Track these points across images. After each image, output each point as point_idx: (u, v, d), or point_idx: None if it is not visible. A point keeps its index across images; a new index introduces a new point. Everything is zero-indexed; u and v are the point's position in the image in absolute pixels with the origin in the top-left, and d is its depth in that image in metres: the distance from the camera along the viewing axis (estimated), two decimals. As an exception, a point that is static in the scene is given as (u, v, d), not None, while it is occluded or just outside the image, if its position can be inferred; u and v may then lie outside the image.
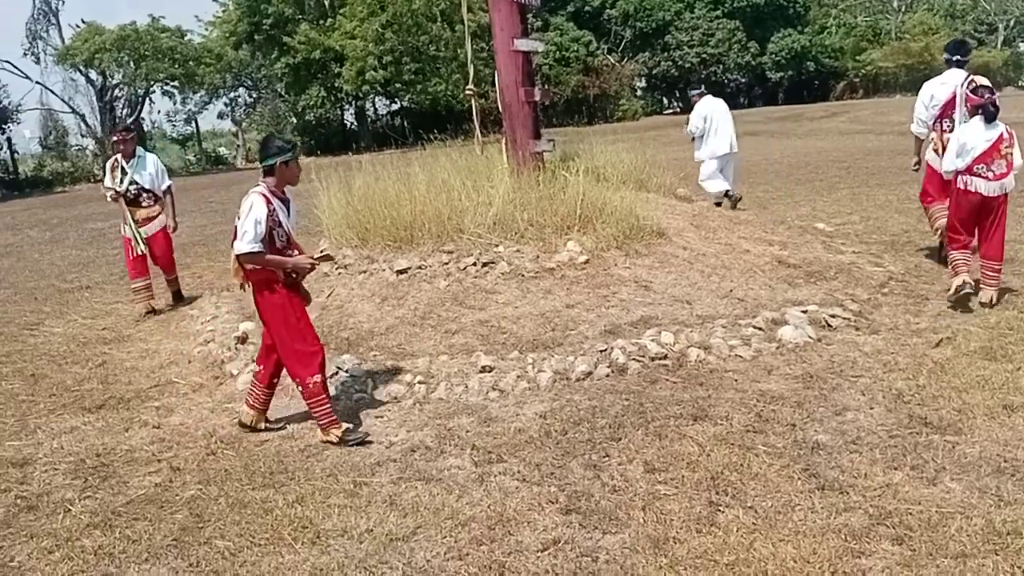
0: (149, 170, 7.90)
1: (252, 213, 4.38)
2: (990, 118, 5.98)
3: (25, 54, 38.02)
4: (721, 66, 47.04)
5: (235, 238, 4.43)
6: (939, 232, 7.16)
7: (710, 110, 10.31)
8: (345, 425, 4.61)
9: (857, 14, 53.46)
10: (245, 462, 4.39)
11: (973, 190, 5.99)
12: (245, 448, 4.60)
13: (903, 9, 53.96)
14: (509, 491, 3.82)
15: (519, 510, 3.64)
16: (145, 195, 7.85)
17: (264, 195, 4.47)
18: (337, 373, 5.48)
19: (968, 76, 6.75)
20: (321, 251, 5.28)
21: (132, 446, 4.76)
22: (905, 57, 45.88)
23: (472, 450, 4.29)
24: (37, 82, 37.14)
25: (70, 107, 36.67)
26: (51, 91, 37.07)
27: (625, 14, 47.08)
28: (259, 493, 4.01)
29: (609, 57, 45.24)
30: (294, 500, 3.89)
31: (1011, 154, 5.97)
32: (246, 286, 4.70)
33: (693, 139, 10.61)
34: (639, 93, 50.88)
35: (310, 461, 4.35)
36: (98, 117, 35.62)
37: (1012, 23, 52.03)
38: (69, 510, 4.00)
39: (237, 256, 4.45)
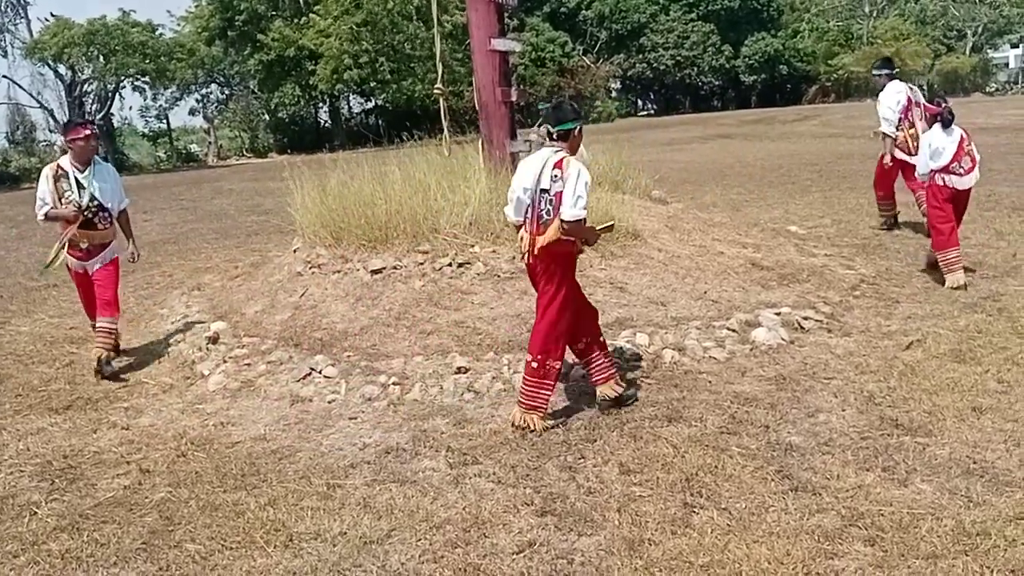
0: (110, 183, 6.09)
1: (582, 177, 4.26)
2: (947, 124, 6.81)
3: (-9, 48, 37.28)
4: (695, 68, 47.46)
5: (559, 203, 4.26)
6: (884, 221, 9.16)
7: None
8: (548, 422, 4.49)
9: (829, 19, 54.13)
10: (216, 464, 4.34)
11: (950, 186, 6.78)
12: (216, 450, 4.54)
13: (875, 14, 54.69)
14: (484, 493, 3.81)
15: (494, 512, 3.62)
16: (102, 215, 6.01)
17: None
18: (310, 375, 5.43)
19: (908, 85, 9.00)
20: (605, 224, 5.05)
21: (100, 448, 4.68)
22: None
23: (447, 452, 4.27)
24: (4, 76, 36.48)
25: (38, 102, 36.15)
26: (18, 85, 36.54)
27: (601, 15, 47.34)
28: (231, 496, 3.96)
29: (584, 58, 45.42)
30: (266, 503, 3.85)
31: (972, 150, 6.85)
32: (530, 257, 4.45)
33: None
34: (614, 94, 51.15)
35: (283, 463, 4.31)
36: (67, 112, 35.04)
37: (980, 30, 52.94)
38: (35, 513, 3.92)
39: (565, 222, 4.26)
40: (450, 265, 6.33)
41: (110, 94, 36.45)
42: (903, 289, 6.78)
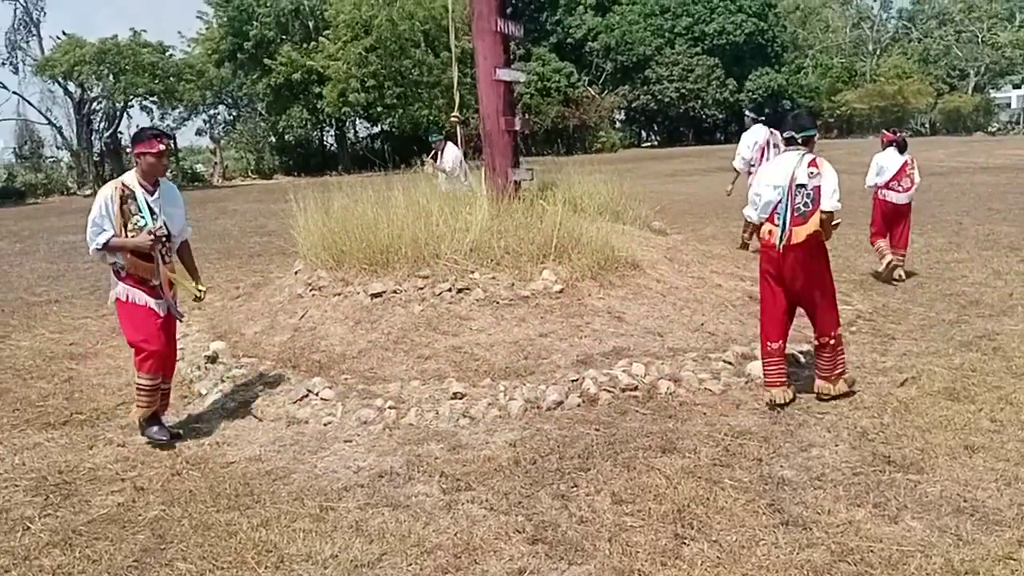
0: (179, 208, 5.03)
1: (834, 173, 4.87)
2: (902, 149, 8.36)
3: (3, 64, 37.71)
4: (700, 101, 47.80)
5: (818, 197, 4.78)
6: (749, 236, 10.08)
7: (460, 152, 10.19)
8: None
9: (833, 56, 54.64)
10: (210, 483, 4.35)
11: (889, 200, 8.36)
12: (211, 469, 4.55)
13: (878, 52, 55.23)
14: (476, 519, 3.82)
15: (486, 539, 3.63)
16: (168, 246, 4.95)
17: None
18: (307, 396, 5.46)
19: (769, 130, 10.20)
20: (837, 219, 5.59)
21: (96, 464, 4.69)
22: (879, 99, 46.94)
23: (441, 477, 4.28)
24: (14, 92, 36.78)
25: (47, 119, 36.40)
26: (28, 102, 36.80)
27: (607, 47, 47.76)
28: (223, 515, 3.97)
29: (589, 89, 45.77)
30: (259, 523, 3.86)
31: (914, 174, 8.41)
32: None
33: (438, 174, 10.37)
34: (618, 125, 51.51)
35: (276, 484, 4.32)
36: (74, 129, 35.37)
37: (983, 70, 53.39)
38: (29, 528, 3.93)
39: (825, 212, 4.81)
40: (450, 290, 6.38)
41: (118, 112, 36.73)
42: (899, 326, 6.81)
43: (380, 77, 35.48)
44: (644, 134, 55.22)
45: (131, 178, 4.81)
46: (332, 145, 43.06)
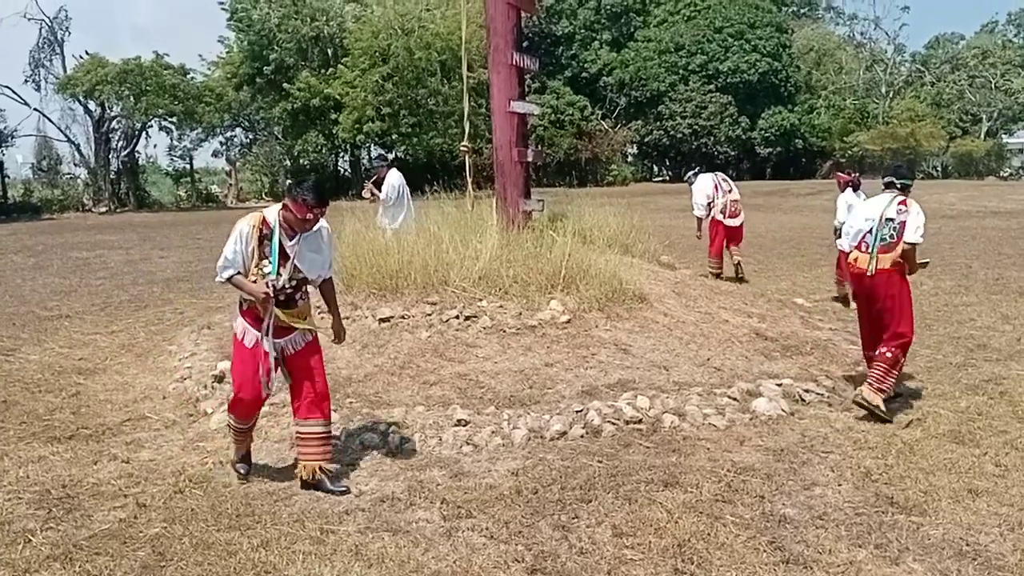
0: (322, 252, 4.67)
1: (920, 213, 5.58)
2: (856, 188, 9.56)
3: (26, 81, 38.23)
4: (712, 138, 47.99)
5: (903, 231, 5.53)
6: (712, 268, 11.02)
7: (400, 181, 9.75)
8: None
9: (846, 97, 54.91)
10: (212, 502, 4.36)
11: None
12: (213, 488, 4.57)
13: (891, 95, 55.48)
14: (476, 547, 3.81)
15: (485, 567, 3.63)
16: (302, 292, 4.68)
17: None
18: (312, 418, 5.46)
19: (713, 173, 11.38)
20: (923, 260, 6.03)
21: (99, 479, 4.71)
22: (891, 141, 47.00)
23: (442, 504, 4.29)
24: (35, 109, 37.27)
25: (66, 136, 36.81)
26: (48, 119, 37.22)
27: (621, 82, 48.16)
28: (224, 535, 3.97)
29: (603, 123, 46.08)
30: (259, 544, 3.86)
31: None
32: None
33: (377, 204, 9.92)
34: (630, 159, 51.80)
35: (278, 505, 4.33)
36: (93, 147, 35.73)
37: (996, 115, 53.54)
38: (30, 541, 3.94)
39: (908, 243, 5.52)
40: (457, 317, 6.42)
41: (137, 132, 37.12)
42: (906, 367, 6.78)
43: (396, 105, 35.83)
44: (656, 169, 55.45)
45: (274, 216, 4.48)
46: (346, 170, 43.39)
